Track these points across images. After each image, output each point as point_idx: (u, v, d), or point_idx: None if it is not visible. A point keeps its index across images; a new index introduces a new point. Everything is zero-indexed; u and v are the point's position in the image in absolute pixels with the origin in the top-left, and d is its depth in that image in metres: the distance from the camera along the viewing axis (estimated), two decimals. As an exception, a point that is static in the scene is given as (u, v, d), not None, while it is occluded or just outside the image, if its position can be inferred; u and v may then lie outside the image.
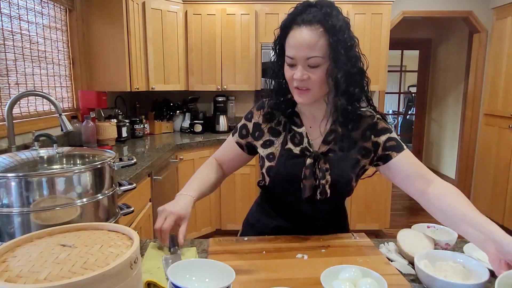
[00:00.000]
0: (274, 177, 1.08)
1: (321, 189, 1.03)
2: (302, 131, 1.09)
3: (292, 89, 1.03)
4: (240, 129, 1.17)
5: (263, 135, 1.12)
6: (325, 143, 1.07)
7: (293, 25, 0.97)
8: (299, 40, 0.95)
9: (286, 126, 1.10)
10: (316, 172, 1.04)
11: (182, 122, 3.64)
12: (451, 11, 3.87)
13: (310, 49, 0.94)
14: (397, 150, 1.05)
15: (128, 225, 1.63)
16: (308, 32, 0.94)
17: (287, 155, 1.07)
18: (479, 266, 0.84)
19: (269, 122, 1.12)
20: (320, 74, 0.97)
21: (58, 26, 2.49)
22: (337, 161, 1.05)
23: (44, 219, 0.88)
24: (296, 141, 1.08)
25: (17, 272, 0.53)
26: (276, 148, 1.09)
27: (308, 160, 1.04)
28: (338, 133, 1.07)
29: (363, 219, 3.36)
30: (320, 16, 0.95)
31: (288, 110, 1.10)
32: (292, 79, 0.99)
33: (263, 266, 0.91)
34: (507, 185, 3.43)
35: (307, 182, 1.03)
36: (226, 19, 3.36)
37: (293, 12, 0.99)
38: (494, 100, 3.66)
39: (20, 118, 2.05)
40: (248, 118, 1.16)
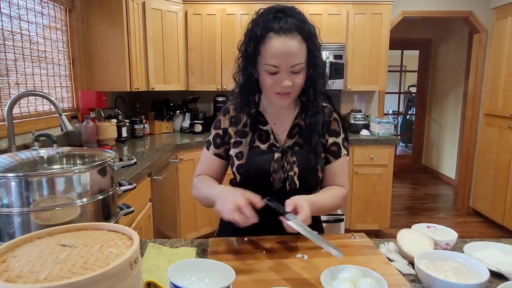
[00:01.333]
0: (244, 174, 1.13)
1: (290, 181, 1.10)
2: (267, 128, 1.15)
3: (271, 94, 1.06)
4: (214, 140, 1.20)
5: (231, 137, 1.17)
6: (290, 137, 1.15)
7: (270, 33, 1.00)
8: (283, 50, 0.99)
9: (252, 126, 1.15)
10: (284, 165, 1.11)
11: (182, 122, 3.64)
12: (451, 11, 3.87)
13: (295, 57, 1.00)
14: (335, 157, 1.17)
15: (128, 225, 1.63)
16: (290, 41, 0.99)
17: (255, 152, 1.13)
18: (479, 266, 0.84)
19: (236, 125, 1.17)
20: (302, 79, 1.04)
21: (58, 26, 2.49)
22: (302, 153, 1.13)
23: (44, 219, 0.88)
24: (263, 139, 1.15)
25: (17, 272, 0.53)
26: (245, 147, 1.14)
27: (276, 154, 1.11)
28: (301, 127, 1.15)
29: (363, 219, 3.36)
30: (297, 24, 1.00)
31: (253, 110, 1.15)
32: (274, 86, 1.03)
33: (263, 266, 0.91)
34: (507, 185, 3.43)
35: (276, 175, 1.10)
36: (226, 19, 3.36)
37: (265, 20, 1.02)
38: (494, 100, 3.66)
39: (20, 118, 2.05)
40: (218, 126, 1.20)
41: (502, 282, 0.79)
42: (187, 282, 0.72)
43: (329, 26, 3.36)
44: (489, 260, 0.93)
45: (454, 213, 4.26)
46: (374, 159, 3.26)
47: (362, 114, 3.61)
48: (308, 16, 1.09)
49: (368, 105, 3.94)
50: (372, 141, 3.26)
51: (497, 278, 0.87)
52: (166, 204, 2.63)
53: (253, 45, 1.03)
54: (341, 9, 3.35)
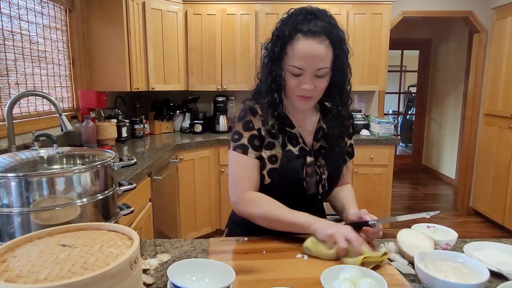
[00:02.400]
0: (277, 178, 1.09)
1: (323, 184, 1.11)
2: (295, 131, 1.13)
3: (293, 97, 1.06)
4: (251, 142, 1.09)
5: (264, 138, 1.11)
6: (316, 140, 1.15)
7: (298, 34, 0.99)
8: (309, 53, 0.98)
9: (281, 128, 1.12)
10: (316, 169, 1.11)
11: (182, 122, 3.64)
12: (451, 11, 3.87)
13: (321, 61, 0.99)
14: (350, 157, 1.24)
15: (128, 225, 1.63)
16: (317, 45, 0.98)
17: (289, 156, 1.10)
18: (479, 266, 0.84)
19: (266, 124, 1.11)
20: (325, 84, 1.04)
21: (58, 26, 2.49)
22: (329, 157, 1.14)
23: (44, 219, 0.88)
24: (294, 142, 1.12)
25: (17, 272, 0.53)
26: (277, 151, 1.10)
27: (308, 158, 1.10)
28: (324, 130, 1.16)
29: (363, 219, 3.36)
30: (326, 28, 0.99)
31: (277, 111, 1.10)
32: (297, 88, 1.03)
33: (263, 266, 0.91)
34: (507, 185, 3.43)
35: (310, 179, 1.10)
36: (226, 19, 3.36)
37: (294, 21, 1.00)
38: (494, 100, 3.66)
39: (20, 118, 2.05)
40: (251, 127, 1.10)
41: (502, 282, 0.79)
42: (187, 282, 0.72)
43: (329, 26, 3.35)
44: (489, 260, 0.93)
45: (454, 213, 4.26)
46: (374, 159, 3.26)
47: (362, 114, 3.61)
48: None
49: (368, 105, 3.94)
50: (372, 141, 3.26)
51: (497, 278, 0.87)
52: (166, 204, 2.63)
53: (280, 44, 1.02)
54: (341, 9, 3.35)
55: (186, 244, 1.04)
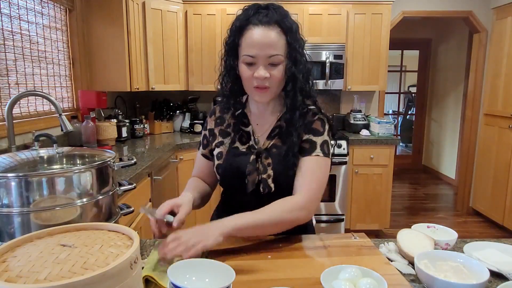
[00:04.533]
0: (222, 174, 1.14)
1: (264, 184, 1.08)
2: (249, 129, 1.15)
3: (250, 89, 1.06)
4: (202, 141, 1.23)
5: (215, 138, 1.18)
6: (269, 138, 1.13)
7: (249, 25, 1.00)
8: (260, 39, 0.98)
9: (234, 127, 1.15)
10: (258, 167, 1.09)
11: (182, 122, 3.64)
12: (451, 11, 3.87)
13: (272, 47, 0.99)
14: (303, 154, 1.07)
15: (128, 225, 1.63)
16: (268, 31, 0.99)
17: (233, 152, 1.13)
18: (479, 266, 0.84)
19: (220, 125, 1.18)
20: (280, 72, 1.02)
21: (58, 26, 2.49)
22: (279, 156, 1.09)
23: (44, 219, 0.88)
24: (244, 140, 1.14)
25: (17, 272, 0.53)
26: (225, 148, 1.15)
27: (251, 156, 1.10)
28: (282, 128, 1.12)
29: (363, 219, 3.36)
30: (277, 17, 1.00)
31: (238, 111, 1.15)
32: (252, 78, 1.02)
33: (263, 266, 0.91)
34: (507, 185, 3.43)
35: (250, 177, 1.09)
36: (226, 19, 3.36)
37: (246, 14, 1.02)
38: (494, 100, 3.66)
39: (20, 118, 2.05)
40: (205, 127, 1.22)
41: (502, 282, 0.79)
42: (187, 282, 0.72)
43: (329, 26, 3.35)
44: (489, 260, 0.93)
45: (454, 213, 4.26)
46: (374, 159, 3.26)
47: (362, 114, 3.61)
48: (308, 16, 1.09)
49: (368, 105, 3.94)
50: (372, 141, 3.26)
51: (497, 278, 0.87)
52: (166, 204, 2.63)
53: (233, 37, 1.04)
54: (341, 9, 3.35)
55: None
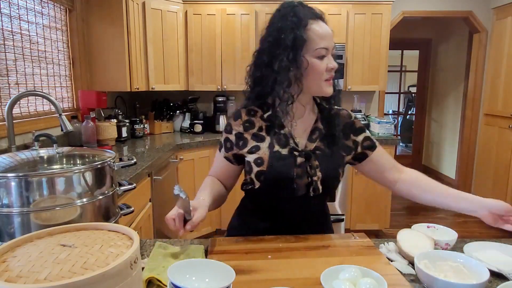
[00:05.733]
0: (265, 180, 1.07)
1: (314, 186, 1.07)
2: (285, 132, 1.10)
3: (319, 83, 1.04)
4: (224, 143, 1.16)
5: (247, 143, 1.11)
6: (311, 141, 1.12)
7: (310, 20, 1.02)
8: (328, 31, 1.03)
9: (269, 130, 1.11)
10: (308, 170, 1.07)
11: (182, 122, 3.64)
12: (451, 11, 3.87)
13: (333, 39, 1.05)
14: (371, 149, 1.16)
15: (128, 225, 1.63)
16: (325, 24, 1.04)
17: (276, 157, 1.07)
18: (479, 266, 0.84)
19: (251, 129, 1.12)
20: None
21: (58, 26, 2.49)
22: (325, 158, 1.09)
23: (44, 219, 0.88)
24: (282, 143, 1.09)
25: (17, 272, 0.53)
26: (264, 153, 1.08)
27: (298, 159, 1.07)
28: (321, 131, 1.12)
29: (363, 219, 3.36)
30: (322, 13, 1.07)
31: (268, 113, 1.11)
32: (326, 70, 1.03)
33: (263, 266, 0.91)
34: (507, 185, 3.43)
35: (300, 180, 1.06)
36: (226, 19, 3.36)
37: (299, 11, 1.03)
38: (494, 100, 3.66)
39: (20, 118, 2.05)
40: (228, 130, 1.15)
41: (502, 282, 0.79)
42: (187, 282, 0.72)
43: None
44: (489, 260, 0.93)
45: (454, 213, 4.25)
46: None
47: (362, 114, 3.61)
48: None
49: (368, 105, 3.94)
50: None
51: (497, 278, 0.87)
52: (166, 204, 2.63)
53: (296, 32, 1.00)
54: (341, 9, 3.35)
55: (186, 244, 1.04)
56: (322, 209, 1.24)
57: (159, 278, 0.80)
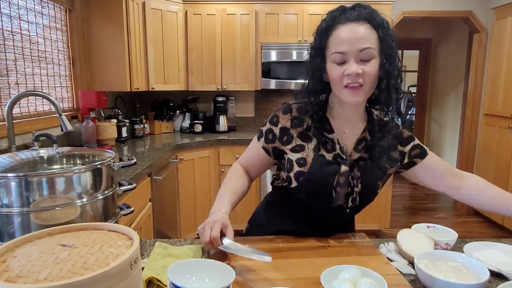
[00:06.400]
0: (304, 182, 1.03)
1: (353, 197, 1.02)
2: (333, 137, 1.06)
3: (340, 89, 0.97)
4: (266, 134, 1.10)
5: (292, 140, 1.07)
6: (356, 150, 1.06)
7: (336, 25, 0.95)
8: (349, 35, 0.93)
9: (317, 132, 1.05)
10: (349, 180, 1.02)
11: (182, 122, 3.64)
12: (451, 11, 3.87)
13: (362, 41, 0.92)
14: (421, 157, 1.12)
15: (128, 225, 1.63)
16: (357, 26, 0.93)
17: (321, 161, 1.03)
18: (479, 266, 0.84)
19: (298, 127, 1.07)
20: (374, 67, 0.94)
21: (58, 26, 2.49)
22: (367, 170, 1.04)
23: (44, 219, 0.88)
24: (329, 147, 1.05)
25: (17, 272, 0.53)
26: (308, 154, 1.04)
27: (343, 167, 1.02)
28: (368, 141, 1.07)
29: (363, 219, 3.36)
30: (366, 14, 0.95)
31: (319, 113, 1.05)
32: (342, 76, 0.94)
33: (263, 266, 0.91)
34: (507, 185, 3.43)
35: (341, 190, 1.02)
36: (226, 19, 3.36)
37: (333, 15, 0.98)
38: (494, 100, 3.66)
39: (20, 118, 2.05)
40: (274, 122, 1.09)
41: (502, 282, 0.79)
42: (187, 282, 0.72)
43: (329, 26, 3.35)
44: (489, 260, 0.93)
45: (454, 213, 4.26)
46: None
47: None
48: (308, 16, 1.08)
49: (368, 105, 3.94)
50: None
51: (497, 278, 0.87)
52: (166, 204, 2.63)
53: (319, 39, 0.98)
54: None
55: (186, 244, 1.04)
56: (352, 222, 1.23)
57: (159, 278, 0.80)
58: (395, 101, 1.02)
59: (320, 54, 0.99)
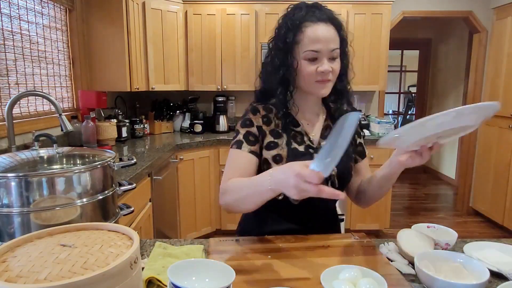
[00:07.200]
0: None
1: (332, 180, 1.11)
2: (300, 129, 1.13)
3: (311, 84, 1.06)
4: (246, 138, 1.10)
5: (265, 137, 1.12)
6: (323, 137, 1.15)
7: (307, 22, 1.03)
8: (322, 35, 1.02)
9: (285, 127, 1.12)
10: None
11: (182, 122, 3.64)
12: (451, 11, 3.87)
13: (333, 42, 1.03)
14: (362, 156, 1.23)
15: (128, 225, 1.63)
16: (327, 27, 1.03)
17: (294, 154, 1.09)
18: (479, 266, 0.84)
19: (269, 124, 1.12)
20: (339, 65, 1.07)
21: (58, 26, 2.49)
22: None
23: (44, 219, 0.88)
24: (299, 140, 1.12)
25: (17, 272, 0.53)
26: (282, 150, 1.09)
27: (315, 155, 1.03)
28: (332, 127, 1.14)
29: (363, 219, 3.36)
30: (330, 16, 1.06)
31: (284, 110, 1.12)
32: (315, 73, 1.03)
33: (263, 266, 0.91)
34: (507, 185, 3.43)
35: None
36: (226, 19, 3.36)
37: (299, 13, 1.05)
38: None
39: (20, 118, 2.05)
40: (248, 124, 1.12)
41: (502, 282, 0.79)
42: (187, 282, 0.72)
43: (329, 26, 3.36)
44: (489, 260, 0.93)
45: (454, 213, 4.26)
46: (374, 159, 3.26)
47: (362, 114, 3.61)
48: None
49: (368, 105, 3.94)
50: (372, 141, 3.25)
51: (497, 278, 0.87)
52: (166, 204, 2.63)
53: (290, 35, 1.04)
54: (341, 9, 3.35)
55: (186, 244, 1.04)
56: (335, 207, 1.28)
57: (159, 278, 0.80)
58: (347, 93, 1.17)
59: (291, 49, 1.05)
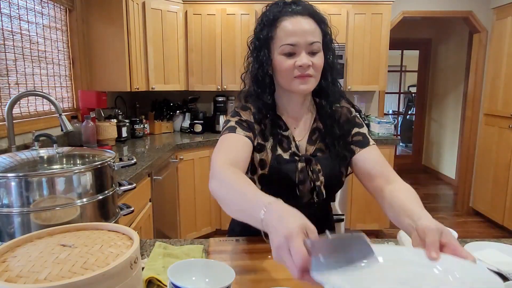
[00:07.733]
0: (267, 185, 1.03)
1: (318, 191, 1.02)
2: (288, 134, 1.06)
3: (290, 80, 0.98)
4: (239, 124, 1.02)
5: (256, 135, 1.05)
6: (310, 143, 1.07)
7: (283, 17, 0.97)
8: (298, 27, 0.96)
9: (272, 130, 1.05)
10: (310, 175, 1.02)
11: (182, 122, 3.64)
12: (451, 11, 3.87)
13: (311, 35, 0.96)
14: (360, 146, 1.06)
15: (128, 225, 1.63)
16: (304, 20, 0.97)
17: (277, 161, 1.02)
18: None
19: (259, 124, 1.05)
20: (321, 60, 0.99)
21: (58, 26, 2.49)
22: (326, 161, 1.05)
23: (44, 219, 0.88)
24: (285, 146, 1.05)
25: (17, 272, 0.53)
26: (267, 155, 1.03)
27: (299, 164, 1.02)
28: (321, 130, 1.08)
29: (363, 219, 3.36)
30: (310, 10, 0.99)
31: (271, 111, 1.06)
32: (293, 68, 0.96)
33: (263, 266, 0.90)
34: (507, 185, 3.43)
35: (303, 186, 1.02)
36: (226, 19, 3.36)
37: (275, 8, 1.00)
38: (494, 100, 3.66)
39: (20, 118, 2.05)
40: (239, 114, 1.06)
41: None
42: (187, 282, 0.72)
43: (329, 26, 3.35)
44: (489, 260, 0.93)
45: (454, 213, 4.26)
46: (374, 159, 3.26)
47: (362, 114, 3.61)
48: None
49: (368, 105, 3.94)
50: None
51: (497, 278, 0.87)
52: (166, 204, 2.63)
53: (265, 31, 0.99)
54: (341, 9, 3.35)
55: (186, 244, 1.04)
56: (327, 214, 1.19)
57: (159, 278, 0.80)
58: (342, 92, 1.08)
59: (266, 45, 1.00)
